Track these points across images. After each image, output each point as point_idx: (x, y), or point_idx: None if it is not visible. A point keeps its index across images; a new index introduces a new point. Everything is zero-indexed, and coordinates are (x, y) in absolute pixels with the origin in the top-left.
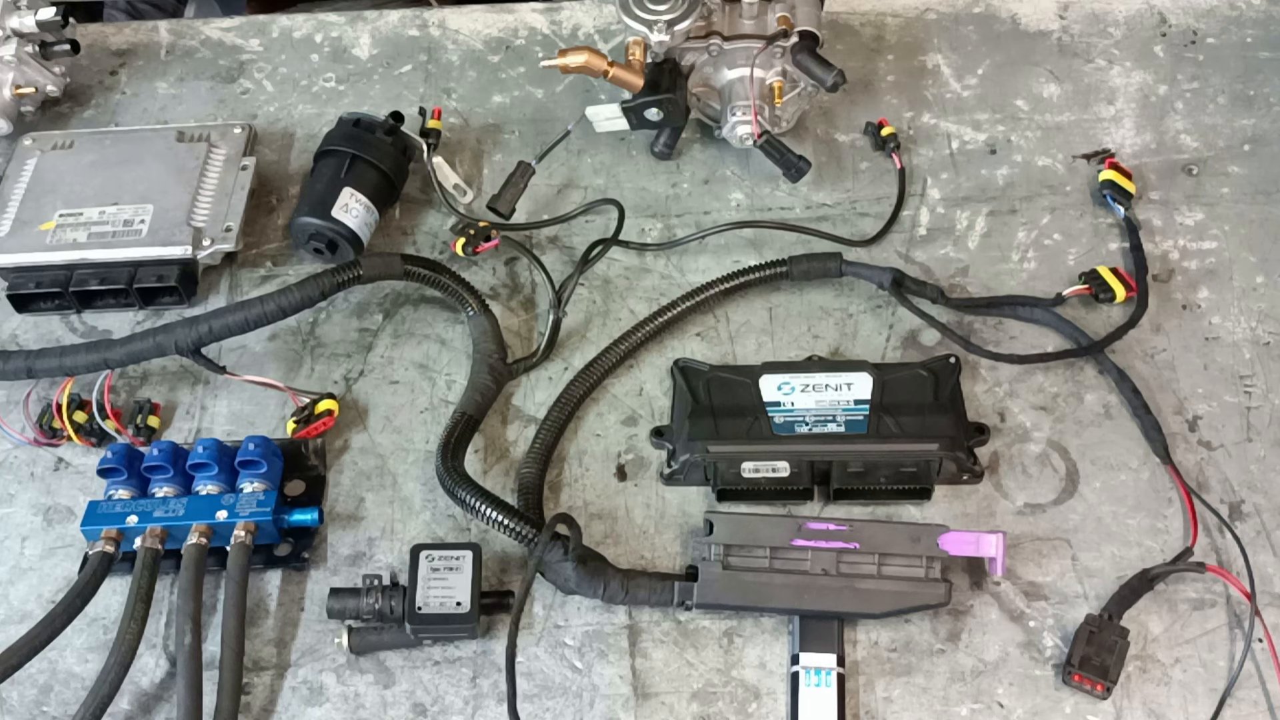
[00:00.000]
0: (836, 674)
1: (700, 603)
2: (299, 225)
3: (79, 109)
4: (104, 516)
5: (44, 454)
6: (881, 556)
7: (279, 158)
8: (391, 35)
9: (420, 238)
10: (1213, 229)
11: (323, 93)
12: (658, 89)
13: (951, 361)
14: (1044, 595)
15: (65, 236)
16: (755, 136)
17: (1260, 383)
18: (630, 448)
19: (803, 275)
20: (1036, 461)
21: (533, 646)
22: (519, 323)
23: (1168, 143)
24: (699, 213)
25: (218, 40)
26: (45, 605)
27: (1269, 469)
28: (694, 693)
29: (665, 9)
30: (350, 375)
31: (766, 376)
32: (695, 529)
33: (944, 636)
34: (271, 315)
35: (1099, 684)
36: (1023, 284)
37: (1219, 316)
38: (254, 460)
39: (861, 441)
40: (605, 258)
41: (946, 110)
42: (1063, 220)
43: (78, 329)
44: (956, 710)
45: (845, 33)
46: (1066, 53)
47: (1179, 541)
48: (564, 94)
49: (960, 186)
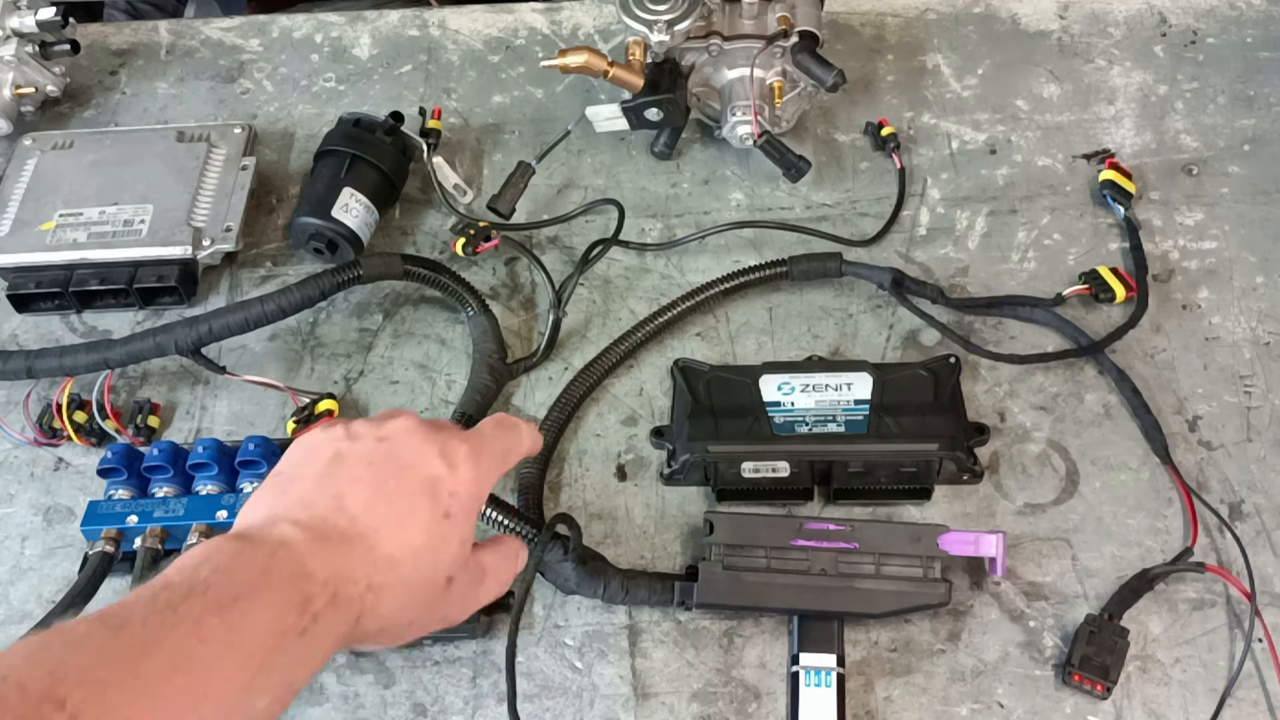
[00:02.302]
0: (836, 674)
1: (700, 603)
2: (299, 225)
3: (79, 109)
4: (104, 516)
5: (44, 454)
6: (881, 556)
7: (279, 158)
8: (391, 35)
9: (420, 238)
10: (1213, 229)
11: (323, 93)
12: (658, 89)
13: (951, 361)
14: (1044, 595)
15: (65, 236)
16: (755, 136)
17: (1260, 383)
18: (630, 448)
19: (803, 275)
20: (1036, 461)
21: (533, 646)
22: (519, 323)
23: (1168, 143)
24: (699, 213)
25: (218, 40)
26: (45, 605)
27: (1269, 469)
28: (694, 693)
29: (665, 9)
30: (350, 375)
31: (766, 376)
32: (695, 529)
33: (944, 636)
34: (271, 315)
35: (1099, 684)
36: (1023, 284)
37: (1219, 316)
38: (254, 460)
39: (861, 441)
40: (605, 258)
41: (946, 110)
42: (1063, 220)
43: (78, 329)
44: (956, 710)
45: (845, 33)
46: (1066, 53)
47: (1179, 541)
48: (564, 94)
49: (960, 186)
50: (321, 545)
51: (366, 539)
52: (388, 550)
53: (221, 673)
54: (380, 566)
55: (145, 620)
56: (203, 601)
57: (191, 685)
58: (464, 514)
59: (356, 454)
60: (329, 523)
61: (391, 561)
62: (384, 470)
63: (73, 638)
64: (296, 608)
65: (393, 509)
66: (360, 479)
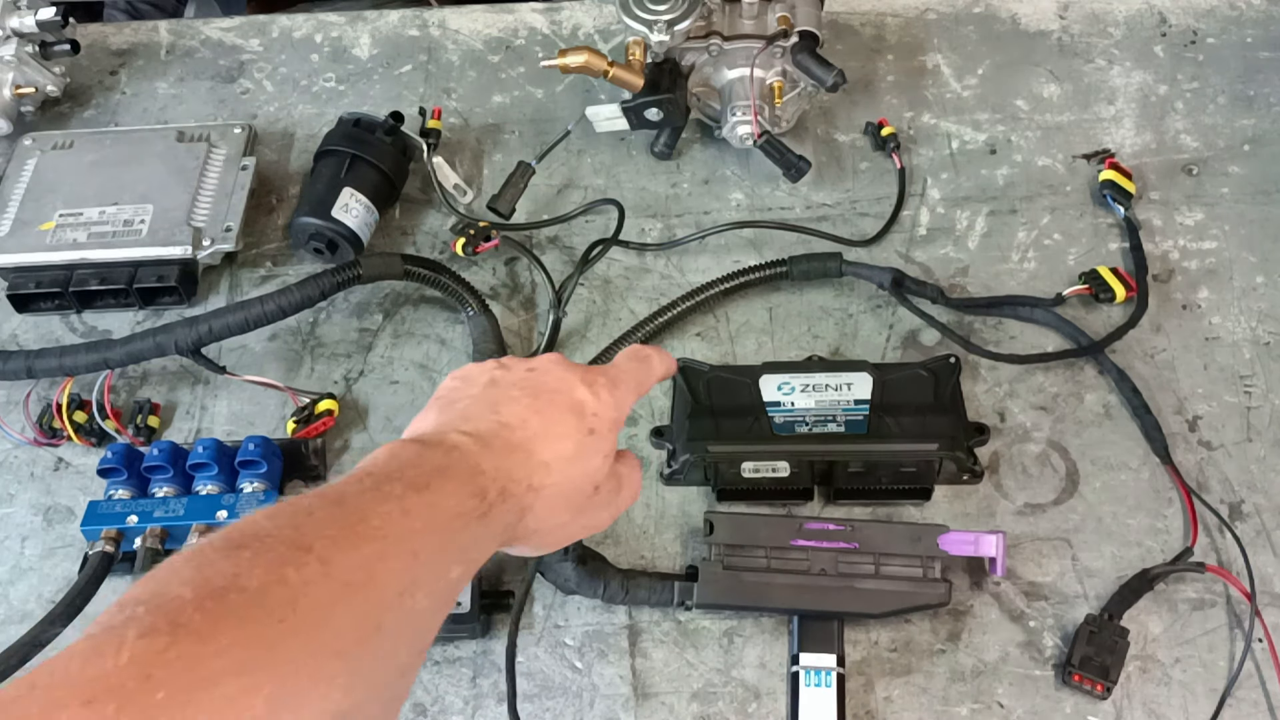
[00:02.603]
0: (836, 674)
1: (700, 603)
2: (299, 225)
3: (79, 109)
4: (104, 516)
5: (44, 454)
6: (881, 556)
7: (279, 158)
8: (391, 35)
9: (420, 238)
10: (1213, 229)
11: (323, 93)
12: (658, 89)
13: (951, 361)
14: (1044, 595)
15: (65, 236)
16: (755, 136)
17: (1260, 383)
18: (630, 448)
19: (803, 275)
20: (1036, 461)
21: (533, 646)
22: (519, 323)
23: (1168, 143)
24: (699, 213)
25: (218, 40)
26: (45, 605)
27: (1269, 469)
28: (694, 693)
29: (665, 9)
30: (350, 375)
31: (766, 376)
32: (695, 529)
33: (944, 636)
34: (271, 315)
35: (1099, 684)
36: (1023, 284)
37: (1219, 316)
38: (254, 460)
39: (861, 441)
40: (605, 258)
41: (946, 110)
42: (1063, 220)
43: (78, 329)
44: (956, 710)
45: (845, 33)
46: (1066, 53)
47: (1179, 541)
48: (564, 94)
49: (960, 186)
50: (487, 450)
51: (525, 447)
52: (543, 457)
53: (425, 540)
54: (538, 470)
55: (359, 497)
56: (401, 485)
57: (404, 547)
58: (606, 432)
59: (509, 379)
60: (491, 433)
61: (547, 467)
62: (534, 393)
63: (301, 507)
64: (475, 495)
65: (545, 423)
66: (515, 399)
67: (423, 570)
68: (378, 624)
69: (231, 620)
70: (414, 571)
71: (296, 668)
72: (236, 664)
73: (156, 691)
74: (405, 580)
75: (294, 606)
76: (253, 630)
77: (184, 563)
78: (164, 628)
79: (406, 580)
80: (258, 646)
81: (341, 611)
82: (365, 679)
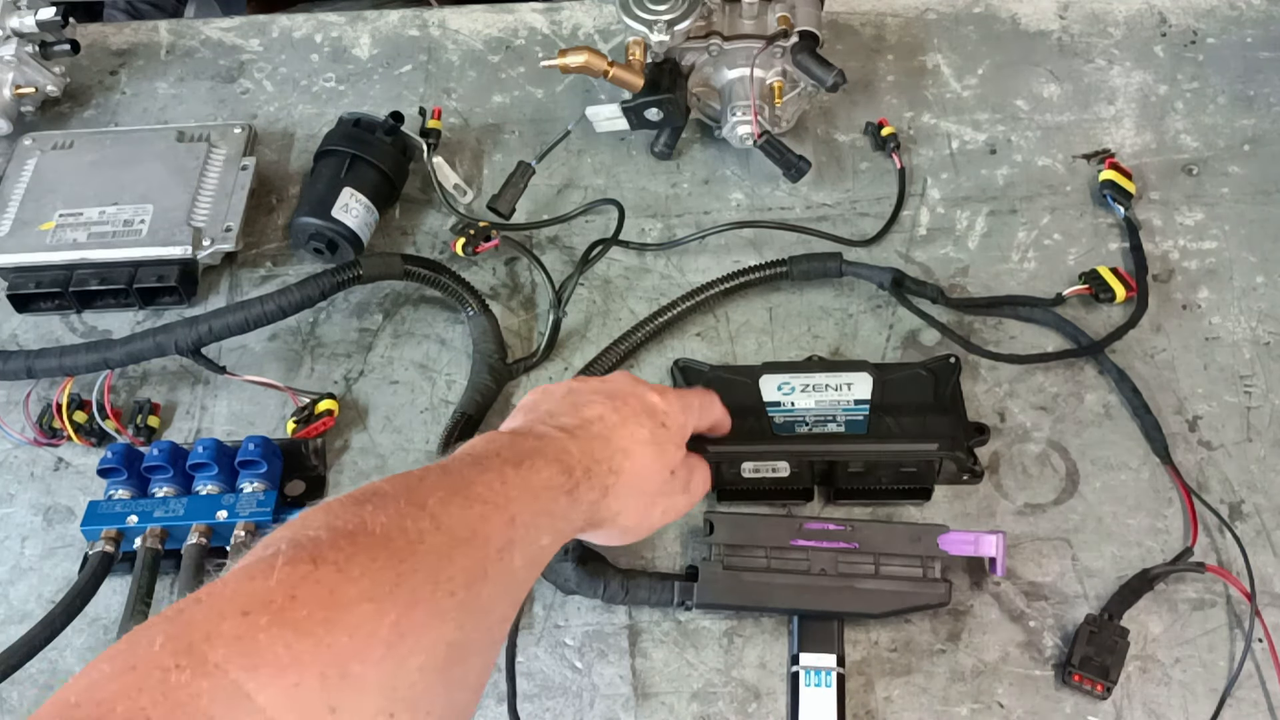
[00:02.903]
0: (836, 674)
1: (700, 603)
2: (299, 225)
3: (79, 109)
4: (104, 516)
5: (44, 454)
6: (881, 556)
7: (279, 158)
8: (391, 35)
9: (420, 238)
10: (1213, 229)
11: (323, 93)
12: (658, 89)
13: (951, 361)
14: (1044, 595)
15: (65, 236)
16: (755, 136)
17: (1260, 383)
18: None
19: (803, 275)
20: (1036, 461)
21: (533, 646)
22: (519, 323)
23: (1168, 143)
24: (699, 213)
25: (218, 40)
26: (45, 605)
27: (1269, 469)
28: (694, 693)
29: (665, 9)
30: (350, 375)
31: (766, 376)
32: (695, 529)
33: (944, 636)
34: (271, 315)
35: (1099, 684)
36: (1023, 284)
37: (1219, 316)
38: (254, 460)
39: (861, 441)
40: (605, 258)
41: (946, 110)
42: (1063, 220)
43: (78, 329)
44: (956, 710)
45: (845, 33)
46: (1066, 53)
47: (1179, 541)
48: (564, 94)
49: (960, 186)
50: (572, 438)
51: (604, 436)
52: (622, 444)
53: (520, 506)
54: (617, 454)
55: (463, 468)
56: (499, 460)
57: (503, 512)
58: (677, 430)
59: (586, 388)
60: (575, 425)
61: (626, 452)
62: (610, 395)
63: (413, 475)
64: (563, 472)
65: (622, 419)
66: (594, 401)
67: (518, 533)
68: (484, 572)
69: (363, 556)
70: (511, 533)
71: (418, 599)
72: (367, 592)
73: (301, 609)
74: (504, 539)
75: (413, 550)
76: (381, 565)
77: (315, 513)
78: (306, 559)
79: (504, 540)
80: (385, 580)
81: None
82: (474, 618)
